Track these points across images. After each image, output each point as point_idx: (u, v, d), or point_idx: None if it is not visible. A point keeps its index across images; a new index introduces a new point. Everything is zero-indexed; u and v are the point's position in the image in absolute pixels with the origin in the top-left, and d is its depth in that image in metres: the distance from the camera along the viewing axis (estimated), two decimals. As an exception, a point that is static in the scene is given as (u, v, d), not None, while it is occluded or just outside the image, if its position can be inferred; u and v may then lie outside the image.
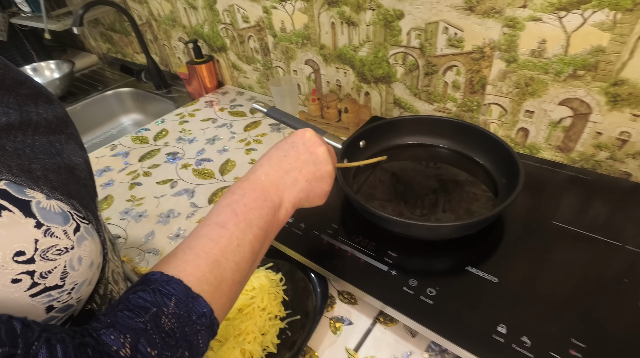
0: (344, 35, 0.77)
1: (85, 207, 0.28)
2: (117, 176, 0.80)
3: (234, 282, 0.30)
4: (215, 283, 0.28)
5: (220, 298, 0.28)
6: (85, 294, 0.28)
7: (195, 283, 0.27)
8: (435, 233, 0.48)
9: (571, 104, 0.59)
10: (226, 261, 0.29)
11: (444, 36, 0.65)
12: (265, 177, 0.35)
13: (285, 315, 0.48)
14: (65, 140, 0.32)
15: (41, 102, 0.32)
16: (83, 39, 1.59)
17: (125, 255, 0.62)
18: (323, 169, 0.38)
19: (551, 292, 0.41)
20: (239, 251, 0.30)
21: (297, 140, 0.38)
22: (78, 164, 0.31)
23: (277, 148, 0.38)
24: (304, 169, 0.37)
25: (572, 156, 0.64)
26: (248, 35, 0.96)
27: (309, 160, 0.37)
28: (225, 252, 0.29)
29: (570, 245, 0.47)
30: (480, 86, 0.66)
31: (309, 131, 0.39)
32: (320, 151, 0.38)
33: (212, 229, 0.31)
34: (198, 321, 0.26)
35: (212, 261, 0.29)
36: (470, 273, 0.44)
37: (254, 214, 0.32)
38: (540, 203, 0.54)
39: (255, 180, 0.35)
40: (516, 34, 0.58)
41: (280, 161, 0.37)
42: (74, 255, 0.25)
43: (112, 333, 0.23)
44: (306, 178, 0.37)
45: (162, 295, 0.25)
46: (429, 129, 0.64)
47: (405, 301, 0.42)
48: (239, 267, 0.30)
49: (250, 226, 0.32)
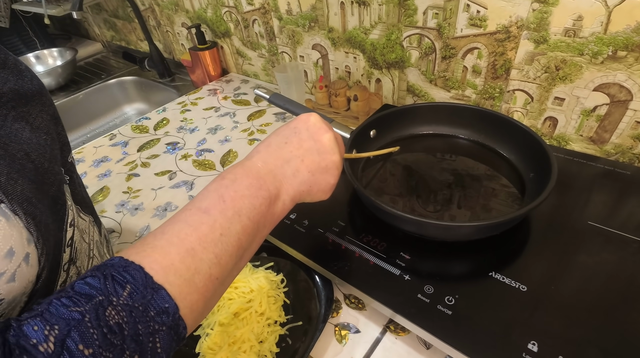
0: (354, 17, 0.71)
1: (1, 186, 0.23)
2: (115, 167, 0.77)
3: (212, 278, 0.25)
4: (187, 275, 0.23)
5: (192, 294, 0.23)
6: (9, 293, 0.22)
7: (160, 272, 0.22)
8: (455, 234, 0.42)
9: (608, 90, 0.53)
10: (204, 252, 0.25)
11: (465, 15, 0.58)
12: (262, 164, 0.31)
13: (285, 320, 0.44)
14: (14, 118, 0.28)
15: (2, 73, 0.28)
16: (87, 26, 1.56)
17: (119, 250, 0.58)
18: (329, 159, 0.33)
19: (591, 304, 0.36)
20: (221, 241, 0.26)
21: (300, 125, 0.33)
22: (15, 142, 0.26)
23: (277, 133, 0.34)
24: (306, 158, 0.32)
25: (607, 149, 0.57)
26: (252, 18, 0.91)
27: (313, 148, 0.33)
28: (204, 241, 0.25)
29: (611, 248, 0.41)
30: (504, 71, 0.60)
31: (313, 116, 0.34)
32: (326, 139, 0.33)
33: (192, 214, 0.26)
34: (157, 318, 0.21)
35: (185, 249, 0.24)
36: (495, 280, 0.39)
37: (244, 203, 0.28)
38: (572, 200, 0.48)
39: (251, 166, 0.31)
40: (548, 10, 0.51)
41: (280, 148, 0.32)
42: None
43: (36, 324, 0.18)
44: (309, 169, 0.32)
45: (115, 281, 0.21)
46: (447, 117, 0.58)
47: (420, 310, 0.37)
48: (219, 261, 0.26)
49: (239, 215, 0.27)
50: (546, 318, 0.35)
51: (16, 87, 0.28)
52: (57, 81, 1.21)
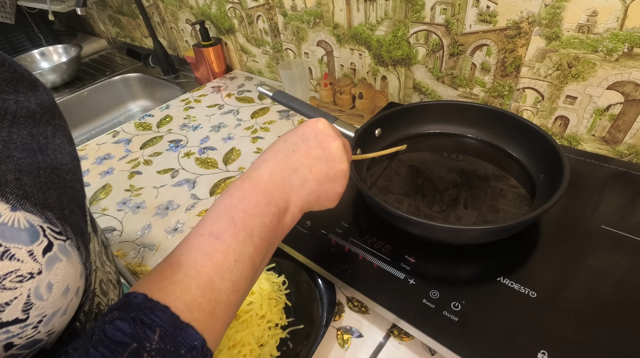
0: (360, 13, 0.70)
1: (65, 219, 0.23)
2: (118, 164, 0.76)
3: (230, 304, 0.25)
4: (209, 308, 0.24)
5: (215, 325, 0.24)
6: (60, 325, 0.23)
7: (185, 310, 0.23)
8: (462, 237, 0.41)
9: (623, 89, 0.51)
10: (221, 281, 0.25)
11: (474, 10, 0.57)
12: (270, 176, 0.30)
13: (286, 323, 0.43)
14: (53, 133, 0.26)
15: (22, 88, 0.26)
16: (93, 23, 1.56)
17: (120, 249, 0.58)
18: (337, 167, 0.32)
19: (605, 313, 0.35)
20: (236, 268, 0.26)
21: (308, 132, 0.32)
22: (64, 164, 0.25)
23: (284, 140, 0.33)
24: (314, 167, 0.31)
25: (620, 149, 0.56)
26: (257, 15, 0.89)
27: (321, 157, 0.32)
28: (220, 270, 0.25)
29: (626, 254, 0.40)
30: (513, 68, 0.58)
31: (322, 122, 0.33)
32: (334, 147, 0.32)
33: (205, 240, 0.26)
34: (187, 355, 0.22)
35: (204, 281, 0.24)
36: (503, 285, 0.37)
37: (255, 223, 0.27)
38: (583, 202, 0.47)
39: (258, 179, 0.30)
40: (561, 5, 0.49)
41: (287, 157, 0.31)
42: (42, 281, 0.20)
43: None
44: (317, 178, 0.31)
45: (144, 325, 0.21)
46: (454, 116, 0.56)
47: (425, 316, 0.36)
48: (236, 287, 0.26)
49: (250, 236, 0.27)
50: (557, 327, 0.34)
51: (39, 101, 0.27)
52: (61, 78, 1.21)
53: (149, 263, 0.55)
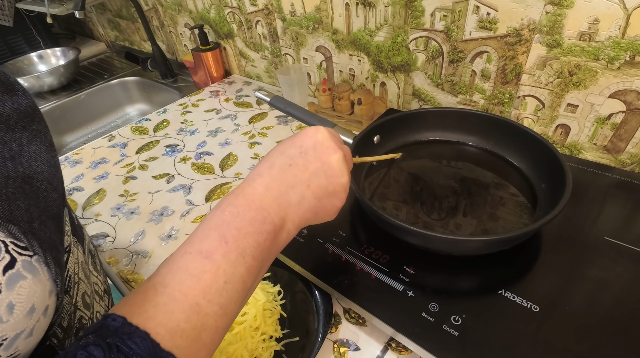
0: (359, 18, 0.69)
1: (33, 233, 0.21)
2: (112, 169, 0.75)
3: (218, 330, 0.24)
4: (194, 334, 0.22)
5: (199, 352, 0.22)
6: (26, 348, 0.21)
7: (167, 337, 0.21)
8: (462, 248, 0.40)
9: (625, 97, 0.50)
10: (209, 305, 0.23)
11: (474, 17, 0.56)
12: (265, 191, 0.28)
13: (281, 335, 0.42)
14: (29, 139, 0.25)
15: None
16: (92, 26, 1.55)
17: (112, 256, 0.56)
18: (336, 182, 0.30)
19: (611, 330, 0.33)
20: (226, 290, 0.24)
21: (307, 143, 0.30)
22: (39, 172, 0.24)
23: (280, 152, 0.30)
24: (313, 183, 0.29)
25: (622, 158, 0.55)
26: (256, 19, 0.89)
27: (320, 171, 0.30)
28: (208, 292, 0.23)
29: (631, 267, 0.39)
30: (514, 75, 0.58)
31: (321, 132, 0.31)
32: (334, 160, 0.30)
33: (193, 259, 0.24)
34: None
35: (190, 305, 0.22)
36: (505, 299, 0.36)
37: (248, 241, 0.26)
38: (585, 212, 0.46)
39: (253, 194, 0.28)
40: (562, 12, 0.49)
41: (284, 172, 0.29)
42: (1, 301, 0.19)
43: None
44: (315, 195, 0.30)
45: (120, 353, 0.19)
46: (454, 123, 0.56)
47: (424, 330, 0.35)
48: (225, 311, 0.24)
49: (242, 256, 0.25)
50: (560, 343, 0.33)
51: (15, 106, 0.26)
52: (59, 81, 1.20)
53: (142, 270, 0.54)
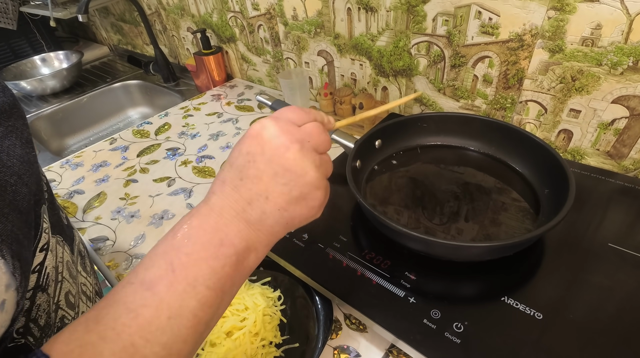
0: (361, 23, 0.69)
1: None
2: (113, 172, 0.75)
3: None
4: None
5: None
6: None
7: None
8: (465, 254, 0.40)
9: (628, 103, 0.50)
10: (147, 345, 0.20)
11: (476, 22, 0.56)
12: (221, 210, 0.24)
13: (281, 341, 0.41)
14: (3, 134, 0.25)
15: None
16: (95, 30, 1.56)
17: (112, 259, 0.56)
18: (300, 183, 0.25)
19: (616, 338, 0.33)
20: (170, 327, 0.21)
21: (254, 148, 0.25)
22: (9, 166, 0.24)
23: (230, 163, 0.26)
24: (271, 193, 0.25)
25: (625, 164, 0.54)
26: (258, 24, 0.89)
27: (277, 176, 0.25)
28: (147, 330, 0.20)
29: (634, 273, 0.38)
30: (516, 80, 0.58)
31: (267, 127, 0.25)
32: (289, 159, 0.25)
33: (134, 291, 0.21)
34: None
35: (123, 346, 0.19)
36: (507, 306, 0.36)
37: (200, 269, 0.22)
38: (588, 218, 0.45)
39: (208, 214, 0.24)
40: (564, 18, 0.49)
41: (236, 188, 0.25)
42: None
43: None
44: (278, 206, 0.25)
45: None
46: (455, 128, 0.55)
47: (425, 337, 0.34)
48: (169, 352, 0.21)
49: (193, 286, 0.22)
50: (563, 351, 0.32)
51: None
52: (62, 84, 1.21)
53: (141, 274, 0.53)
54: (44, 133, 1.13)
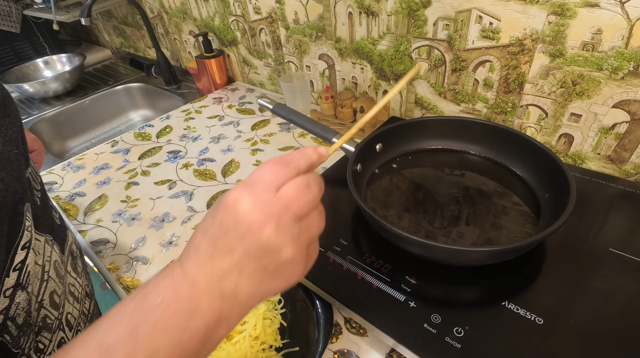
0: (362, 27, 0.70)
1: None
2: (115, 175, 0.75)
3: None
4: None
5: None
6: None
7: None
8: (465, 258, 0.40)
9: (629, 107, 0.50)
10: None
11: (477, 26, 0.56)
12: (194, 278, 0.23)
13: (281, 344, 0.41)
14: None
15: None
16: (97, 33, 1.57)
17: (112, 262, 0.56)
18: (275, 260, 0.23)
19: (618, 344, 0.33)
20: None
21: (227, 220, 0.23)
22: None
23: (204, 231, 0.24)
24: (245, 267, 0.23)
25: (626, 168, 0.54)
26: (259, 27, 0.90)
27: (250, 250, 0.23)
28: None
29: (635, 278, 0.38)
30: (517, 85, 0.58)
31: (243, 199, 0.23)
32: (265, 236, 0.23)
33: (89, 354, 0.20)
34: None
35: None
36: (508, 311, 0.36)
37: (164, 340, 0.20)
38: (589, 223, 0.45)
39: (181, 280, 0.23)
40: (565, 22, 0.49)
41: (209, 258, 0.23)
42: None
43: None
44: (253, 281, 0.23)
45: None
46: (456, 132, 0.55)
47: (426, 342, 0.34)
48: None
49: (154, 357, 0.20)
50: (565, 357, 0.32)
51: None
52: (64, 86, 1.21)
53: (142, 277, 0.53)
54: (46, 136, 1.13)
